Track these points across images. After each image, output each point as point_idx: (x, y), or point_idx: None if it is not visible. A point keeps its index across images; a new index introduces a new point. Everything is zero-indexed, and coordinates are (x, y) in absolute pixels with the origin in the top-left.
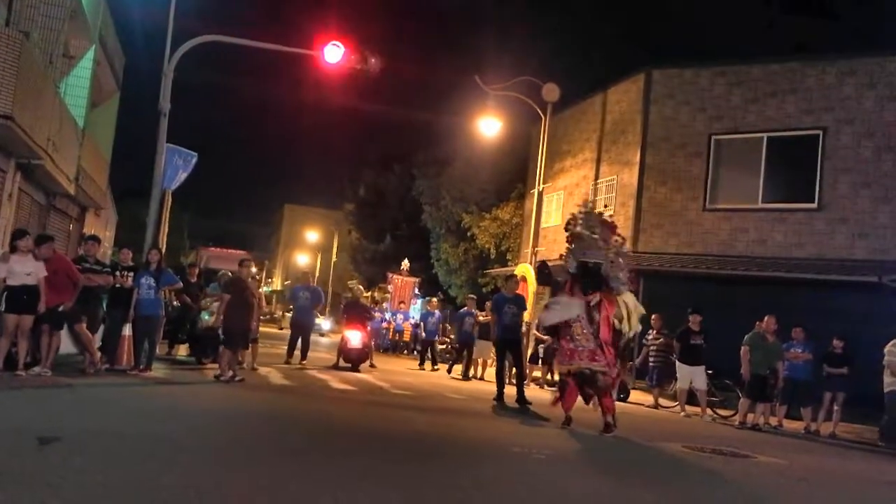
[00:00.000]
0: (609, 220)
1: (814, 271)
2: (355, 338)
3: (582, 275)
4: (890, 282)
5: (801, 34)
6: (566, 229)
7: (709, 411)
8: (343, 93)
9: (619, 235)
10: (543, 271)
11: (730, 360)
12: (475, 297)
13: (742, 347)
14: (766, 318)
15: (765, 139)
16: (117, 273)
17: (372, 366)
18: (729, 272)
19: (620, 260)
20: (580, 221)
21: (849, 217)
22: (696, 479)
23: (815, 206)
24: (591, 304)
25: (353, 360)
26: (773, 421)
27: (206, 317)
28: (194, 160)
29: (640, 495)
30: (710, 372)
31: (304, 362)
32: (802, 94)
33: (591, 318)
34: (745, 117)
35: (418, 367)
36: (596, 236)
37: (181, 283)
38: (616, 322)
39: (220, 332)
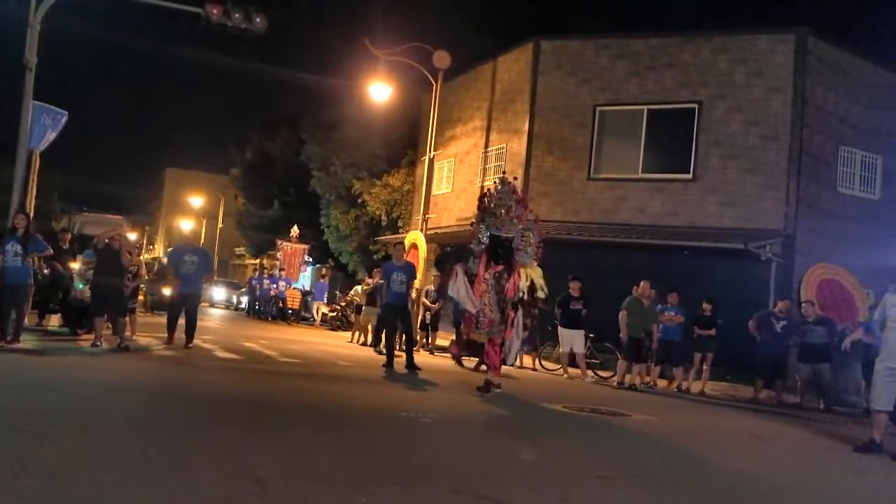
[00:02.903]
0: (522, 195)
1: (687, 239)
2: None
3: (494, 246)
4: (754, 248)
5: None
6: (480, 201)
7: (590, 373)
8: (227, 52)
9: (531, 211)
10: (444, 262)
11: (612, 324)
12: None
13: (620, 312)
14: (641, 283)
15: (645, 111)
16: None
17: None
18: (610, 239)
19: (531, 234)
20: (495, 198)
21: (718, 188)
22: (575, 436)
23: (689, 176)
24: (497, 273)
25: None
26: (648, 381)
27: (80, 285)
28: (64, 119)
29: (520, 453)
30: (591, 336)
31: (191, 345)
32: (680, 68)
33: (499, 287)
34: (628, 89)
35: (374, 350)
36: (512, 214)
37: (51, 250)
38: (521, 292)
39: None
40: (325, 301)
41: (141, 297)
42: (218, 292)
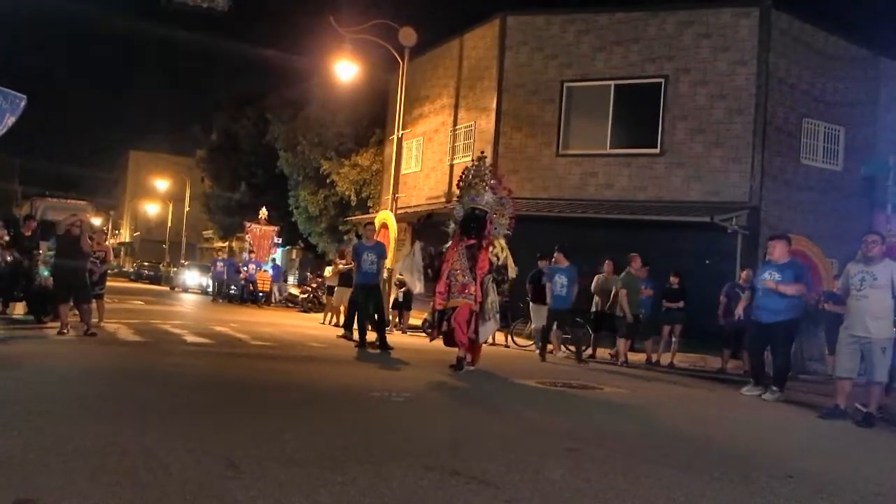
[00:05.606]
0: (497, 172)
1: (654, 213)
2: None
3: (468, 219)
4: (720, 221)
5: None
6: (460, 180)
7: (562, 348)
8: (190, 30)
9: (505, 187)
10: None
11: (581, 299)
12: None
13: (620, 290)
14: (634, 258)
15: (612, 87)
16: None
17: None
18: (580, 215)
19: (504, 208)
20: (472, 172)
21: (685, 161)
22: (548, 410)
23: (657, 151)
24: (469, 245)
25: None
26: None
27: (44, 272)
28: (23, 103)
29: (493, 428)
30: None
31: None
32: (646, 42)
33: (470, 254)
34: (594, 65)
35: (343, 335)
36: (485, 183)
37: (7, 236)
38: (493, 259)
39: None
40: (281, 281)
41: None
42: (191, 277)
